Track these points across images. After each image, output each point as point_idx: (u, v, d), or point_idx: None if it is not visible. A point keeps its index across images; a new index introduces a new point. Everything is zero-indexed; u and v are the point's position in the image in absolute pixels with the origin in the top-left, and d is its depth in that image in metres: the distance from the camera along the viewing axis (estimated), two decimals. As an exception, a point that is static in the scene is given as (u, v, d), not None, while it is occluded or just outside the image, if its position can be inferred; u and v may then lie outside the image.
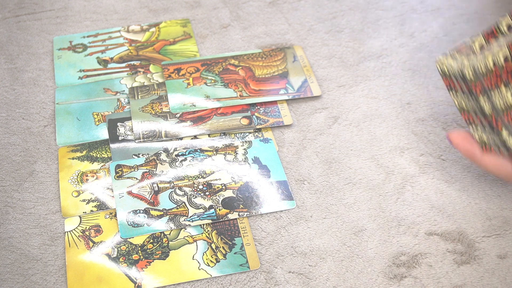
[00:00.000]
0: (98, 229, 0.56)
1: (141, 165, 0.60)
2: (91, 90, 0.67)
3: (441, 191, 0.59)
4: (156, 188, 0.58)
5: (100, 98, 0.66)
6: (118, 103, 0.66)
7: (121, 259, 0.54)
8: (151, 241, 0.55)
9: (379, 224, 0.57)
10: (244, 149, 0.62)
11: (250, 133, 0.63)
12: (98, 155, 0.61)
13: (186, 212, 0.57)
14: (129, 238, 0.55)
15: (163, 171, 0.60)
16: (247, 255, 0.54)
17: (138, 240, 0.55)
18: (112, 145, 0.62)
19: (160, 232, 0.55)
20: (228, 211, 0.57)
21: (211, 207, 0.57)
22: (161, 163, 0.60)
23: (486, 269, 0.53)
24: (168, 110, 0.64)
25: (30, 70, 0.70)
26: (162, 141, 0.62)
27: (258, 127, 0.64)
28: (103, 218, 0.56)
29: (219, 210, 0.57)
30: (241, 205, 0.58)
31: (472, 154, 0.55)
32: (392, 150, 0.62)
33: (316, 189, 0.59)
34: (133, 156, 0.61)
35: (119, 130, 0.63)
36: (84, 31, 0.74)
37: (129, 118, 0.64)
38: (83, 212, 0.57)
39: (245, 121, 0.64)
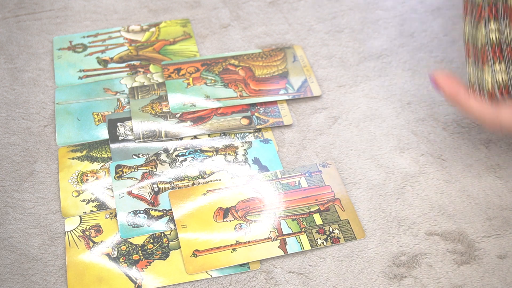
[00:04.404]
0: (98, 229, 0.56)
1: (141, 166, 0.60)
2: (91, 90, 0.67)
3: (441, 191, 0.59)
4: (156, 189, 0.58)
5: (100, 98, 0.66)
6: (118, 103, 0.66)
7: (121, 259, 0.53)
8: (151, 241, 0.55)
9: (379, 224, 0.57)
10: (244, 149, 0.62)
11: (250, 133, 0.63)
12: (98, 155, 0.61)
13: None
14: (129, 238, 0.55)
15: (163, 172, 0.60)
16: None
17: (138, 240, 0.55)
18: (112, 145, 0.62)
19: (160, 233, 0.55)
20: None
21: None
22: (161, 164, 0.60)
23: (486, 269, 0.53)
24: (168, 110, 0.64)
25: (30, 70, 0.70)
26: (162, 141, 0.62)
27: (258, 127, 0.64)
28: (103, 218, 0.56)
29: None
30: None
31: (456, 94, 0.52)
32: (392, 150, 0.62)
33: (316, 189, 0.59)
34: (133, 156, 0.61)
35: (119, 130, 0.63)
36: (84, 31, 0.74)
37: (129, 118, 0.64)
38: (83, 212, 0.57)
39: (245, 121, 0.64)
